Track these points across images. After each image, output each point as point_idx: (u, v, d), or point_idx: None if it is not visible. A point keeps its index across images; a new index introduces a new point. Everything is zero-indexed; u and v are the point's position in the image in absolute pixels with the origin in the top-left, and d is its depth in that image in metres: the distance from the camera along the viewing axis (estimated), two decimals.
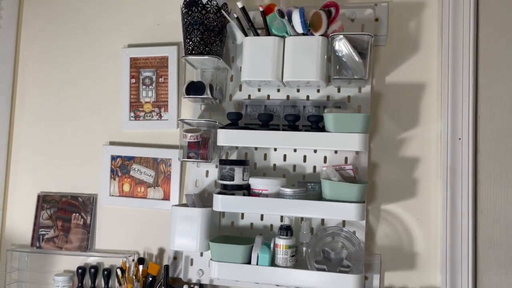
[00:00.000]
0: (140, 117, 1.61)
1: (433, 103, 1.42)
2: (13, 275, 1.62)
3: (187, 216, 1.36)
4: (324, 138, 1.27)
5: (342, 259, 1.31)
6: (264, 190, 1.34)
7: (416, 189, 1.41)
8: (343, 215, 1.26)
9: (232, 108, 1.50)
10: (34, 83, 1.72)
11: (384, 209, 1.42)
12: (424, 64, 1.43)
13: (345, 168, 1.33)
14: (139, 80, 1.61)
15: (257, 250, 1.31)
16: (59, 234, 1.61)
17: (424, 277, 1.39)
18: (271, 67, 1.32)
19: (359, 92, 1.42)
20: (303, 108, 1.44)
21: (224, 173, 1.37)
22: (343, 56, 1.31)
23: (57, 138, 1.68)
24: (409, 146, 1.43)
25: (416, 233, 1.40)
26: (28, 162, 1.70)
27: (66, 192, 1.64)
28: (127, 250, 1.58)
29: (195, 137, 1.38)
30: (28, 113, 1.72)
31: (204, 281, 1.47)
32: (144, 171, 1.58)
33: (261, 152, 1.48)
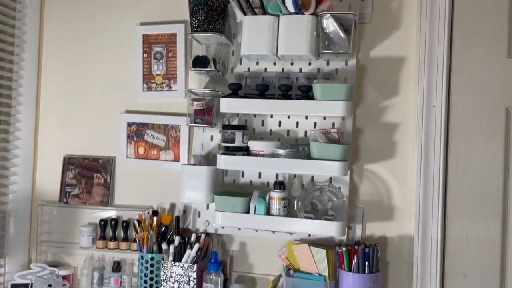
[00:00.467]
0: (152, 88, 1.80)
1: (411, 74, 1.60)
2: (43, 227, 1.86)
3: (195, 173, 1.58)
4: (313, 105, 1.46)
5: (328, 210, 1.52)
6: (260, 151, 1.55)
7: (395, 151, 1.61)
8: (328, 172, 1.46)
9: (233, 80, 1.69)
10: (58, 59, 1.91)
11: (367, 168, 1.62)
12: (405, 40, 1.60)
13: (331, 132, 1.53)
14: (151, 55, 1.80)
15: (255, 201, 1.52)
16: (83, 191, 1.84)
17: (400, 226, 1.60)
18: (267, 43, 1.50)
19: (346, 65, 1.60)
20: (296, 80, 1.63)
21: (226, 137, 1.57)
22: (331, 33, 1.49)
23: (79, 107, 1.88)
24: (389, 113, 1.61)
25: (394, 188, 1.60)
26: (54, 129, 1.91)
27: (88, 155, 1.86)
28: (142, 205, 1.80)
29: (201, 105, 1.58)
30: (53, 86, 1.91)
31: (210, 231, 1.70)
32: (156, 136, 1.79)
33: (259, 119, 1.67)
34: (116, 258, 1.80)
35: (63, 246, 1.85)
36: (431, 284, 1.54)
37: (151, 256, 1.63)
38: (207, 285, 1.58)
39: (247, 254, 1.71)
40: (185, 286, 1.57)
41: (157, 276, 1.63)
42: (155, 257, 1.63)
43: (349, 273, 1.47)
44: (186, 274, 1.57)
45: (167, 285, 1.59)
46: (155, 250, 1.64)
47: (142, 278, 1.64)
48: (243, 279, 1.69)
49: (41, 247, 1.85)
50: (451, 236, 1.56)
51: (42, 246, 1.85)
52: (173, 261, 1.59)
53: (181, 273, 1.58)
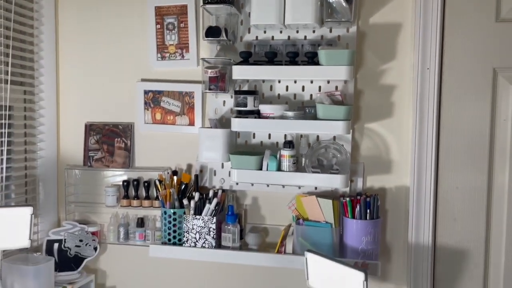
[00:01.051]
0: (165, 58, 1.92)
1: (407, 39, 1.73)
2: (70, 189, 2.02)
3: (212, 135, 1.73)
4: (319, 70, 1.60)
5: (332, 165, 1.69)
6: (271, 113, 1.70)
7: (393, 110, 1.76)
8: (334, 131, 1.63)
9: (243, 48, 1.82)
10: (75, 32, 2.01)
11: (367, 127, 1.78)
12: (401, 7, 1.72)
13: (335, 94, 1.67)
14: (163, 26, 1.91)
15: (267, 159, 1.69)
16: (105, 155, 1.99)
17: (398, 179, 1.77)
18: (275, 13, 1.62)
19: (347, 32, 1.73)
20: (301, 46, 1.76)
21: (239, 101, 1.71)
22: (333, 3, 1.61)
23: (97, 78, 2.01)
24: (387, 75, 1.76)
25: (392, 145, 1.77)
26: (74, 98, 2.03)
27: (108, 122, 2.00)
28: (161, 166, 1.96)
29: (215, 72, 1.71)
30: (71, 58, 2.02)
31: (225, 187, 1.87)
32: (172, 103, 1.93)
33: (268, 84, 1.81)
34: (139, 215, 1.97)
35: (89, 206, 2.02)
36: (424, 228, 1.73)
37: (173, 211, 1.80)
38: (225, 234, 1.77)
39: (259, 208, 1.89)
40: (206, 236, 1.76)
41: (179, 229, 1.81)
42: (177, 212, 1.80)
43: (352, 219, 1.65)
44: (206, 225, 1.75)
45: (189, 236, 1.78)
46: (177, 205, 1.82)
47: (166, 231, 1.82)
48: (256, 229, 1.87)
49: (69, 207, 2.02)
50: (442, 186, 1.74)
51: (70, 206, 2.02)
52: (194, 214, 1.77)
53: (202, 225, 1.76)
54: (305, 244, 1.69)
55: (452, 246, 1.74)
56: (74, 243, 1.92)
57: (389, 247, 1.78)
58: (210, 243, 1.76)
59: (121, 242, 1.96)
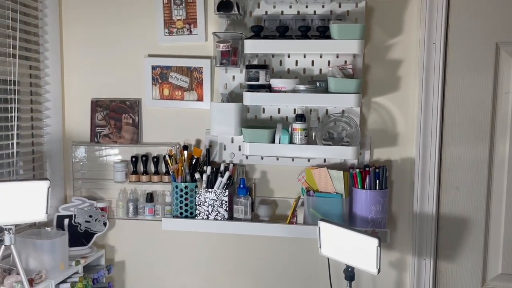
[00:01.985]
0: (173, 33, 1.92)
1: (414, 15, 1.77)
2: (77, 166, 2.02)
3: (224, 109, 1.75)
4: (331, 44, 1.63)
5: (343, 138, 1.74)
6: (282, 87, 1.72)
7: (399, 84, 1.81)
8: (345, 103, 1.67)
9: (252, 23, 1.83)
10: (79, 8, 1.98)
11: (374, 101, 1.83)
12: None
13: (346, 68, 1.71)
14: (171, 0, 1.90)
15: (279, 132, 1.72)
16: (113, 131, 1.99)
17: (403, 151, 1.83)
18: None
19: (356, 7, 1.76)
20: (311, 21, 1.78)
21: (251, 76, 1.73)
22: None
23: (103, 53, 1.99)
24: (394, 50, 1.80)
25: (398, 118, 1.82)
26: (80, 73, 2.01)
27: (115, 98, 1.99)
28: (169, 142, 1.97)
29: (227, 46, 1.72)
30: (75, 33, 2.00)
31: (235, 161, 1.90)
32: (180, 78, 1.93)
33: (277, 59, 1.83)
34: (148, 190, 1.98)
35: (96, 182, 2.02)
36: (429, 197, 1.80)
37: (185, 185, 1.83)
38: (237, 207, 1.80)
39: (268, 181, 1.93)
40: (218, 209, 1.79)
41: (191, 203, 1.84)
42: (189, 186, 1.83)
43: (362, 190, 1.71)
44: (218, 198, 1.79)
45: (202, 208, 1.81)
46: (188, 179, 1.84)
47: (177, 205, 1.85)
48: (266, 202, 1.91)
49: (76, 183, 2.02)
50: (446, 157, 1.81)
51: (77, 183, 2.02)
52: (206, 187, 1.80)
53: (214, 198, 1.79)
54: (316, 214, 1.74)
55: (454, 215, 1.82)
56: (84, 219, 1.93)
57: (394, 216, 1.85)
58: (222, 215, 1.79)
59: (131, 217, 1.98)
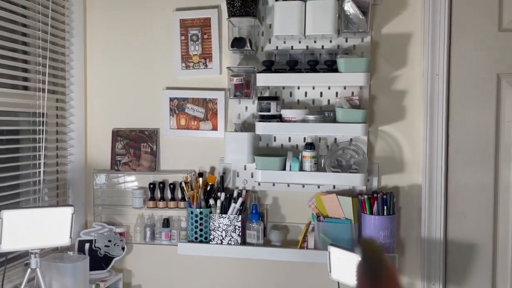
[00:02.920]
0: (190, 67, 2.05)
1: (417, 48, 1.87)
2: (98, 192, 2.12)
3: (237, 138, 1.85)
4: (338, 77, 1.74)
5: (351, 165, 1.82)
6: (293, 117, 1.82)
7: (405, 114, 1.89)
8: (353, 133, 1.75)
9: (264, 57, 1.94)
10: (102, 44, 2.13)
11: (381, 130, 1.91)
12: (411, 18, 1.87)
13: (353, 99, 1.80)
14: (188, 37, 2.04)
15: (290, 160, 1.81)
16: (132, 159, 2.10)
17: (410, 177, 1.90)
18: (296, 25, 1.75)
19: (362, 41, 1.87)
20: (319, 55, 1.89)
21: (263, 106, 1.83)
22: (350, 15, 1.75)
23: (124, 86, 2.12)
24: (399, 82, 1.89)
25: (404, 146, 1.90)
26: (102, 105, 2.14)
27: (135, 128, 2.11)
28: (185, 169, 2.07)
29: (240, 80, 1.84)
30: (99, 68, 2.14)
31: (248, 188, 1.98)
32: (196, 109, 2.05)
33: (288, 90, 1.94)
34: (164, 215, 2.07)
35: (115, 208, 2.12)
36: (436, 223, 1.85)
37: (200, 211, 1.91)
38: (250, 232, 1.88)
39: (280, 207, 2.00)
40: (231, 234, 1.87)
41: (205, 228, 1.92)
42: (204, 211, 1.91)
43: (370, 215, 1.77)
44: (232, 224, 1.86)
45: (216, 233, 1.88)
46: (203, 205, 1.92)
47: (192, 230, 1.93)
48: (277, 227, 1.98)
49: (97, 209, 2.12)
50: (452, 184, 1.86)
51: (97, 209, 2.12)
52: (220, 213, 1.88)
53: (228, 223, 1.87)
54: (326, 239, 1.80)
55: (462, 240, 1.86)
56: (104, 243, 2.01)
57: (403, 241, 1.90)
58: (236, 240, 1.87)
59: (148, 242, 2.06)
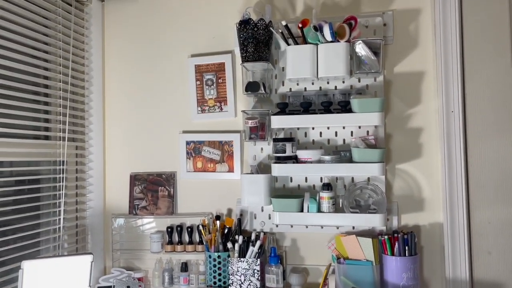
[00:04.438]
0: (205, 111, 2.08)
1: (431, 85, 1.88)
2: (116, 237, 2.13)
3: (254, 180, 1.86)
4: (352, 117, 1.74)
5: (369, 205, 1.80)
6: (308, 158, 1.82)
7: (421, 151, 1.88)
8: (369, 172, 1.74)
9: (278, 100, 1.97)
10: (120, 91, 2.20)
11: (398, 168, 1.89)
12: (423, 56, 1.88)
13: (369, 138, 1.80)
14: (203, 81, 2.08)
15: (307, 201, 1.80)
16: (150, 203, 2.11)
17: (431, 216, 1.86)
18: (309, 67, 1.78)
19: (375, 81, 1.88)
20: (332, 96, 1.91)
21: (278, 148, 1.84)
22: (362, 56, 1.77)
23: (141, 131, 2.17)
24: (414, 119, 1.89)
25: (423, 183, 1.87)
26: (120, 150, 2.19)
27: (152, 171, 2.14)
28: (203, 212, 2.07)
29: (255, 122, 1.86)
30: (116, 115, 2.20)
31: (265, 230, 1.97)
32: (212, 151, 2.07)
33: (302, 131, 1.95)
34: (182, 259, 2.06)
35: (134, 253, 2.12)
36: (460, 262, 1.80)
37: (218, 255, 1.90)
38: (269, 276, 1.85)
39: (299, 249, 1.97)
40: (250, 278, 1.84)
41: (224, 272, 1.90)
42: (222, 255, 1.90)
43: (392, 257, 1.73)
44: (250, 267, 1.84)
45: (234, 278, 1.86)
46: (221, 249, 1.91)
47: (211, 274, 1.91)
48: (297, 270, 1.95)
49: (115, 254, 2.12)
50: (475, 221, 1.82)
51: (116, 254, 2.12)
52: (238, 257, 1.86)
53: (246, 267, 1.84)
54: (348, 282, 1.76)
55: (489, 280, 1.80)
56: None
57: (427, 282, 1.85)
58: (255, 284, 1.84)
59: (166, 287, 2.04)
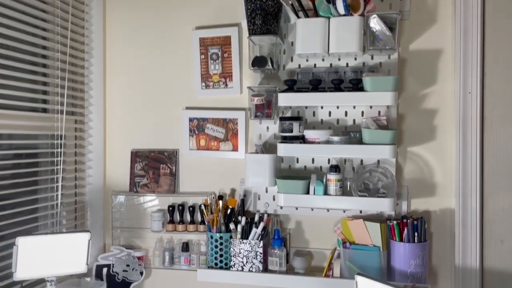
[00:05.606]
0: (209, 86, 2.00)
1: (448, 64, 1.77)
2: (116, 215, 2.08)
3: (259, 160, 1.78)
4: (364, 96, 1.65)
5: (379, 189, 1.72)
6: (316, 139, 1.74)
7: (435, 134, 1.79)
8: (380, 155, 1.66)
9: (286, 76, 1.88)
10: (122, 64, 2.10)
11: (410, 151, 1.81)
12: (441, 33, 1.78)
13: (380, 119, 1.71)
14: (208, 56, 1.99)
15: (313, 183, 1.72)
16: (151, 181, 2.05)
17: (442, 201, 1.79)
18: (320, 42, 1.68)
19: (389, 58, 1.78)
20: (343, 73, 1.81)
21: (284, 127, 1.76)
22: (376, 31, 1.67)
23: (143, 106, 2.09)
24: (429, 100, 1.79)
25: (435, 167, 1.79)
26: (121, 126, 2.11)
27: (154, 148, 2.07)
28: (205, 191, 2.01)
29: (261, 99, 1.77)
30: (118, 89, 2.11)
31: (269, 211, 1.90)
32: (216, 129, 1.99)
33: (311, 110, 1.86)
34: (183, 239, 2.01)
35: (134, 231, 2.07)
36: (471, 250, 1.73)
37: (220, 236, 1.84)
38: (272, 258, 1.79)
39: (303, 231, 1.91)
40: (253, 260, 1.79)
41: (225, 253, 1.84)
42: (224, 236, 1.84)
43: (400, 243, 1.67)
44: (253, 249, 1.78)
45: (237, 259, 1.80)
46: (223, 230, 1.85)
47: (212, 255, 1.85)
48: (301, 253, 1.89)
49: (115, 232, 2.07)
50: (488, 207, 1.74)
51: (115, 232, 2.07)
52: (240, 239, 1.80)
53: (249, 249, 1.79)
54: (353, 267, 1.70)
55: (500, 269, 1.74)
56: (122, 268, 1.96)
57: (435, 270, 1.79)
58: (257, 267, 1.78)
59: (167, 266, 1.99)
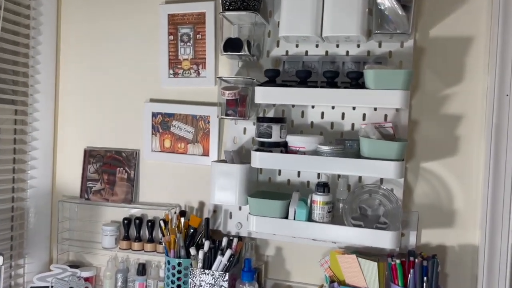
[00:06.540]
0: (178, 74, 1.62)
1: (480, 57, 1.36)
2: (65, 224, 1.74)
3: (226, 171, 1.40)
4: (364, 95, 1.25)
5: (379, 216, 1.32)
6: (301, 147, 1.35)
7: (458, 146, 1.38)
8: (381, 173, 1.26)
9: (270, 65, 1.49)
10: (76, 44, 1.75)
11: (423, 167, 1.41)
12: (472, 16, 1.36)
13: (385, 126, 1.31)
14: (177, 37, 1.62)
15: (294, 205, 1.34)
16: (105, 187, 1.70)
17: (462, 234, 1.39)
18: (310, 22, 1.29)
19: (401, 47, 1.38)
20: (342, 64, 1.42)
21: (261, 131, 1.38)
22: (386, 10, 1.26)
23: (100, 96, 1.73)
24: (452, 103, 1.39)
25: (456, 190, 1.39)
26: (74, 119, 1.77)
27: (110, 147, 1.71)
28: (169, 203, 1.65)
29: (233, 94, 1.39)
30: (72, 73, 1.76)
31: (242, 234, 1.53)
32: (183, 128, 1.62)
33: (299, 110, 1.47)
34: (141, 260, 1.66)
35: (85, 246, 1.73)
36: None
37: (178, 262, 1.48)
38: None
39: (284, 260, 1.54)
40: None
41: (185, 284, 1.48)
42: (183, 263, 1.48)
43: None
44: (217, 283, 1.41)
45: None
46: (183, 254, 1.49)
47: (168, 285, 1.49)
48: (279, 287, 1.52)
49: (63, 245, 1.73)
50: None
51: (63, 245, 1.73)
52: (202, 268, 1.43)
53: (212, 282, 1.42)
54: None
55: None
56: None
57: None
58: None
59: None
